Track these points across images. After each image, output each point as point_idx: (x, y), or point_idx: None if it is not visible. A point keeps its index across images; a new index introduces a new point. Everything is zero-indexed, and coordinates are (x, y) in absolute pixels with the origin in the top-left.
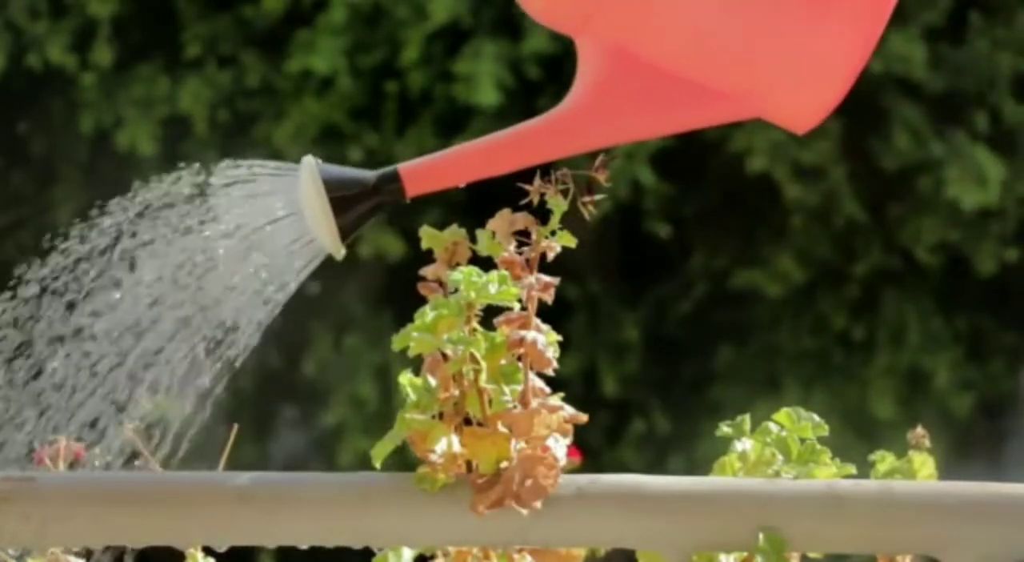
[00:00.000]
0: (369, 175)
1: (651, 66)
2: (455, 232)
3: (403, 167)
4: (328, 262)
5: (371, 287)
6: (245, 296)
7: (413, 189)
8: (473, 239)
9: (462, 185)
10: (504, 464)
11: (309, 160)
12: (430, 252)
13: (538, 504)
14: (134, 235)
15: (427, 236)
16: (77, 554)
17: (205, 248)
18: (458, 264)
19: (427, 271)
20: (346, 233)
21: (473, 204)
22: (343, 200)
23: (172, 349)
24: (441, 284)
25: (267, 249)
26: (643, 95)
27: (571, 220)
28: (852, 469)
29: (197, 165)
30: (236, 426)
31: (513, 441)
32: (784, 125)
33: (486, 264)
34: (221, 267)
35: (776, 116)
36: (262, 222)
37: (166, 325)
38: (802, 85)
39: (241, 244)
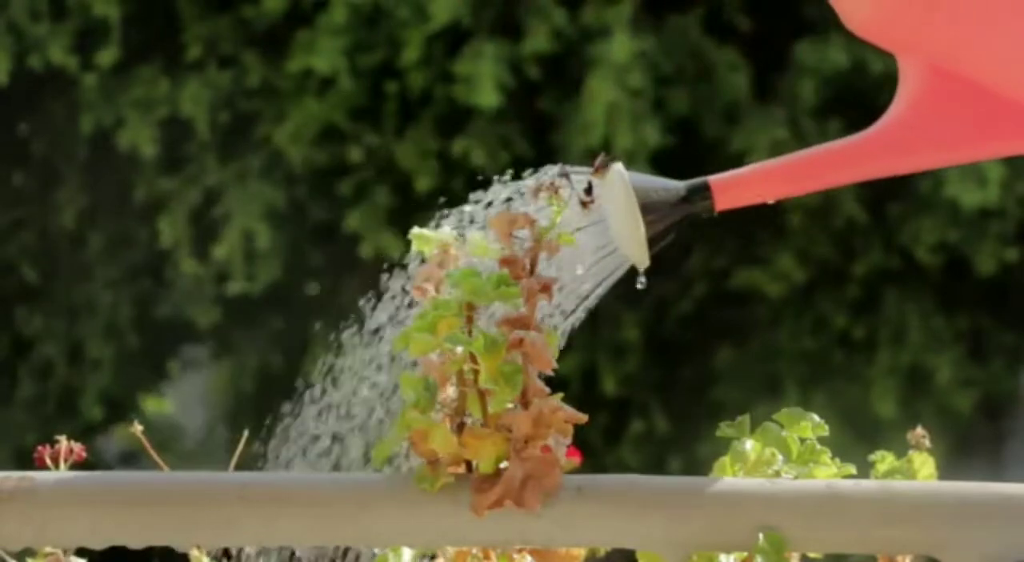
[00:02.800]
0: (679, 185)
1: (977, 86)
2: (446, 234)
3: (713, 179)
4: (328, 263)
5: (371, 288)
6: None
7: (723, 202)
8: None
9: (771, 201)
10: (504, 464)
11: (619, 168)
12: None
13: (538, 504)
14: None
15: (417, 238)
16: (77, 554)
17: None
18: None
19: (419, 273)
20: (653, 243)
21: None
22: (652, 209)
23: None
24: (434, 285)
25: (570, 257)
26: (966, 116)
27: None
28: (852, 469)
29: (511, 172)
30: (246, 430)
31: (513, 441)
32: None
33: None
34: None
35: None
36: (567, 228)
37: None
38: None
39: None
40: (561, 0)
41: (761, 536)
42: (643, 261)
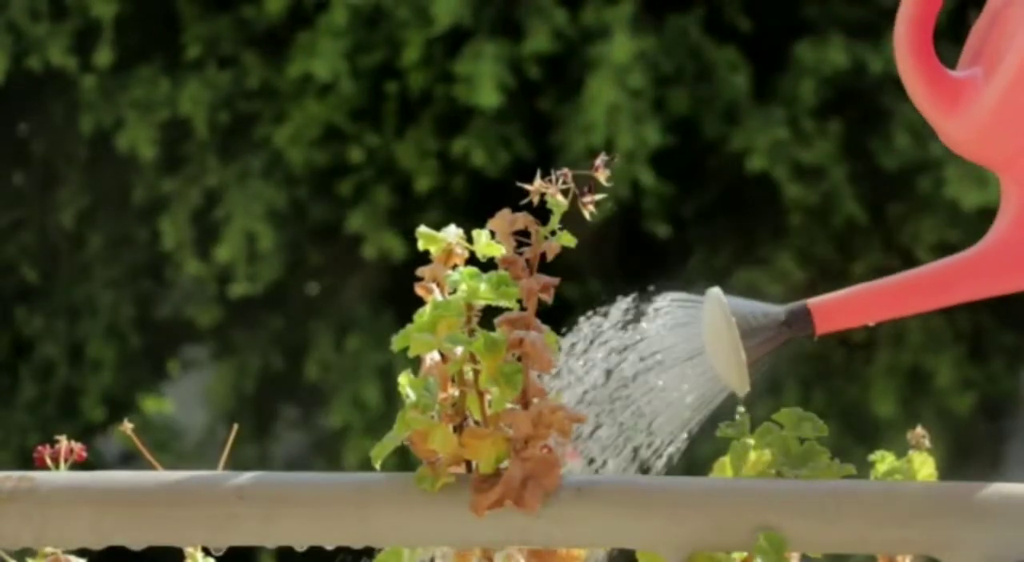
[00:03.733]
0: (778, 310)
1: None
2: (452, 232)
3: (813, 304)
4: (328, 263)
5: (373, 288)
6: (643, 430)
7: (823, 326)
8: (470, 239)
9: (872, 324)
10: (504, 464)
11: (717, 293)
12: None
13: (538, 504)
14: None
15: (423, 237)
16: (77, 554)
17: (615, 377)
18: (455, 265)
19: (424, 271)
20: (753, 369)
21: (473, 204)
22: (752, 335)
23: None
24: (439, 284)
25: (669, 383)
26: None
27: (571, 220)
28: (852, 469)
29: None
30: (235, 426)
31: (513, 441)
32: None
33: (485, 263)
34: (626, 397)
35: None
36: (666, 356)
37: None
38: None
39: (644, 376)
40: (561, 0)
41: (761, 536)
42: (743, 387)
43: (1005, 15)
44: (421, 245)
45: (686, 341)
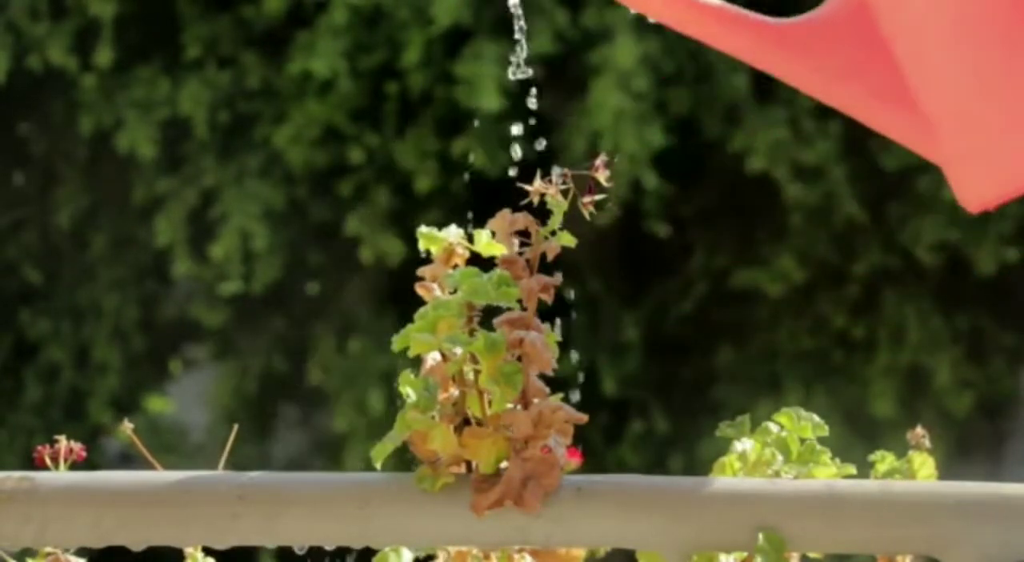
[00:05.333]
0: None
1: (883, 40)
2: (452, 232)
3: None
4: (328, 263)
5: (375, 290)
6: None
7: None
8: (471, 239)
9: (651, 20)
10: (504, 464)
11: None
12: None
13: (538, 504)
14: None
15: (424, 237)
16: (77, 554)
17: None
18: (456, 265)
19: (424, 271)
20: None
21: (473, 204)
22: None
23: None
24: (439, 285)
25: None
26: (856, 58)
27: (571, 220)
28: (852, 469)
29: None
30: (236, 426)
31: (513, 441)
32: (954, 189)
33: (486, 264)
34: None
35: (951, 176)
36: None
37: None
38: (995, 159)
39: None
40: (563, 1)
41: (761, 536)
42: None
43: None
44: (422, 245)
45: None
